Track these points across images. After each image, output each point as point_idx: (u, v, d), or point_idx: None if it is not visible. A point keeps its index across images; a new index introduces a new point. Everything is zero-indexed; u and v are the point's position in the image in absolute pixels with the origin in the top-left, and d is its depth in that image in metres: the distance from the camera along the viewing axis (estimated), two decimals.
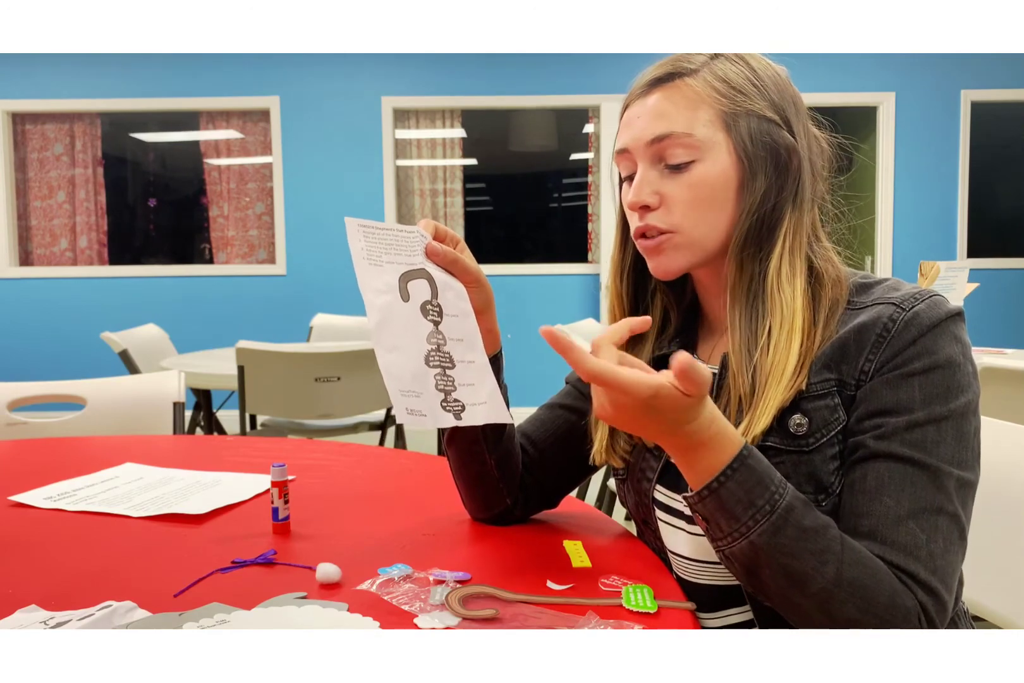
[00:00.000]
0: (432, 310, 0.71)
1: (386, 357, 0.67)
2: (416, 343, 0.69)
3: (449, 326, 0.72)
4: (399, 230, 0.72)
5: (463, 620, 0.62)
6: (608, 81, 4.79)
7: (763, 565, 0.64)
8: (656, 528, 0.84)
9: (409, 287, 0.70)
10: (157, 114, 5.15)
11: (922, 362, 0.69)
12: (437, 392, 0.69)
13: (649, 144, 0.76)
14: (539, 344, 4.83)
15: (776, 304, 0.74)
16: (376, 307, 0.68)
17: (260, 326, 4.94)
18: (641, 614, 0.64)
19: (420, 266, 0.72)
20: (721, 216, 0.77)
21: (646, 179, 0.77)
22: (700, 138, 0.75)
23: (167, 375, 1.63)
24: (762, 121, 0.76)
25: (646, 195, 0.77)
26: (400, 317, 0.69)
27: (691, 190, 0.76)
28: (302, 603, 0.65)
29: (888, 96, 4.91)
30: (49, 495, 0.98)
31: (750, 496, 0.63)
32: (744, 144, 0.75)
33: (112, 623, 0.61)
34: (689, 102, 0.75)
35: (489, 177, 5.50)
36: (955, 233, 4.99)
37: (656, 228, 0.77)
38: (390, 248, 0.71)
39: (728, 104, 0.75)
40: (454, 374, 0.71)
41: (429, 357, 0.70)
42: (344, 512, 0.92)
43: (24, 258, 5.13)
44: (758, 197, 0.75)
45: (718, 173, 0.75)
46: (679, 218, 0.76)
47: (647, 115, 0.76)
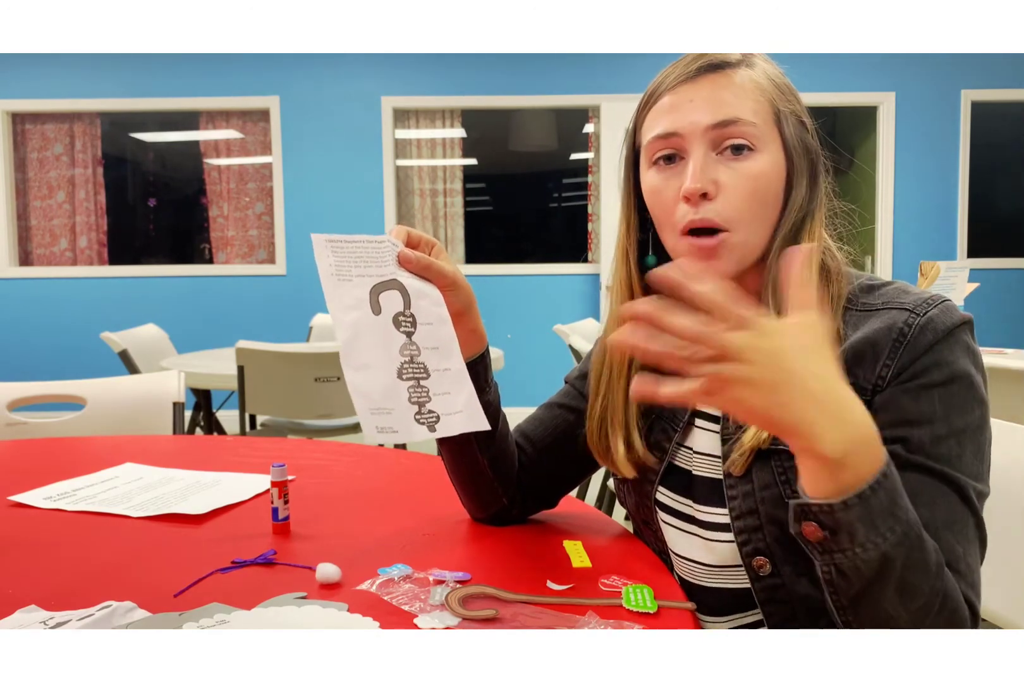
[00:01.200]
0: (405, 321, 0.71)
1: (355, 376, 0.67)
2: (388, 357, 0.69)
3: (423, 335, 0.72)
4: (368, 241, 0.72)
5: (463, 620, 0.62)
6: (608, 81, 4.79)
7: (883, 578, 0.58)
8: (657, 529, 0.84)
9: (380, 299, 0.70)
10: (157, 114, 5.15)
11: (941, 373, 0.68)
12: (411, 405, 0.69)
13: (710, 128, 0.72)
14: (539, 344, 4.83)
15: None
16: (345, 324, 0.68)
17: (260, 326, 4.94)
18: (641, 614, 0.64)
19: (391, 276, 0.72)
20: (771, 215, 0.75)
21: (705, 165, 0.73)
22: (763, 129, 0.73)
23: (167, 375, 1.63)
24: (799, 123, 0.76)
25: (707, 181, 0.72)
26: (370, 332, 0.69)
27: (751, 181, 0.73)
28: (302, 603, 0.65)
29: (888, 96, 4.91)
30: (49, 495, 0.98)
31: (892, 507, 0.56)
32: (791, 143, 0.75)
33: (112, 623, 0.61)
34: (747, 92, 0.73)
35: (489, 177, 5.50)
36: (955, 233, 4.99)
37: (712, 222, 0.73)
38: (360, 261, 0.70)
39: (777, 103, 0.74)
40: (428, 384, 0.71)
41: (402, 370, 0.70)
42: (344, 512, 0.92)
43: (24, 258, 5.13)
44: (800, 199, 0.75)
45: (774, 167, 0.74)
46: (735, 211, 0.73)
47: (704, 99, 0.73)
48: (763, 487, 0.73)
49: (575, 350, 2.52)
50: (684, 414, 0.82)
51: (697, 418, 0.82)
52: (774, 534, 0.73)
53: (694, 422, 0.82)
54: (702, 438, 0.81)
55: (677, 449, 0.82)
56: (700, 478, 0.80)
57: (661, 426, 0.83)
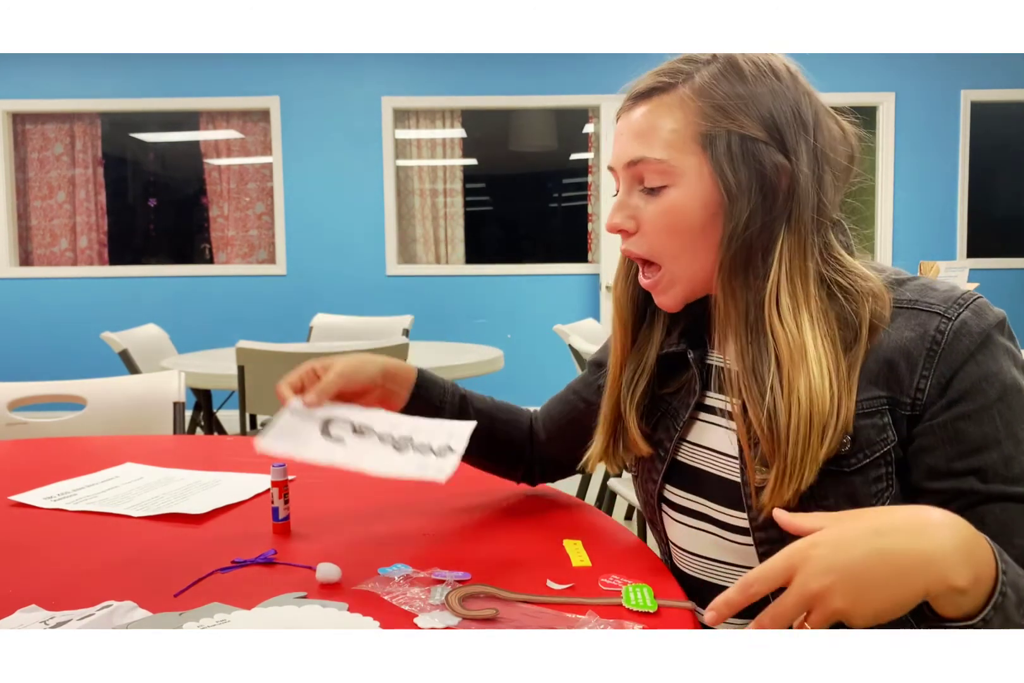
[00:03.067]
0: (361, 429, 0.81)
1: (380, 472, 0.76)
2: (384, 451, 0.79)
3: (383, 427, 0.81)
4: (285, 422, 0.81)
5: (463, 620, 0.62)
6: (608, 81, 4.78)
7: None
8: (662, 529, 0.84)
9: (334, 436, 0.80)
10: (157, 114, 5.15)
11: (993, 389, 0.66)
12: (426, 454, 0.78)
13: (626, 166, 0.74)
14: (539, 344, 4.82)
15: (779, 338, 0.69)
16: (339, 462, 0.77)
17: (260, 326, 4.94)
18: (641, 614, 0.64)
19: (325, 418, 0.82)
20: (702, 244, 0.73)
21: (623, 203, 0.76)
22: (674, 164, 0.71)
23: (167, 375, 1.63)
24: (745, 141, 0.70)
25: (621, 219, 0.76)
26: (357, 450, 0.79)
27: (665, 216, 0.73)
28: (302, 603, 0.65)
29: (888, 96, 4.91)
30: (49, 495, 0.98)
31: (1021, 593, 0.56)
32: (722, 166, 0.70)
33: (112, 623, 0.61)
34: (666, 121, 0.72)
35: (489, 177, 5.49)
36: (955, 233, 4.99)
37: (635, 255, 0.76)
38: (296, 433, 0.79)
39: (706, 125, 0.71)
40: (421, 441, 0.80)
41: (401, 448, 0.79)
42: (344, 512, 0.92)
43: (24, 258, 5.13)
44: (741, 222, 0.70)
45: (693, 199, 0.72)
46: (656, 246, 0.75)
47: (627, 133, 0.75)
48: None
49: (575, 350, 2.52)
50: (687, 409, 0.81)
51: (702, 412, 0.81)
52: None
53: (697, 416, 0.81)
54: (710, 433, 0.79)
55: (680, 444, 0.82)
56: (714, 477, 0.78)
57: (664, 423, 0.83)
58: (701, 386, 0.80)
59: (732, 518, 0.76)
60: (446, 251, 5.13)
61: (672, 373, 0.82)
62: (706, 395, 0.80)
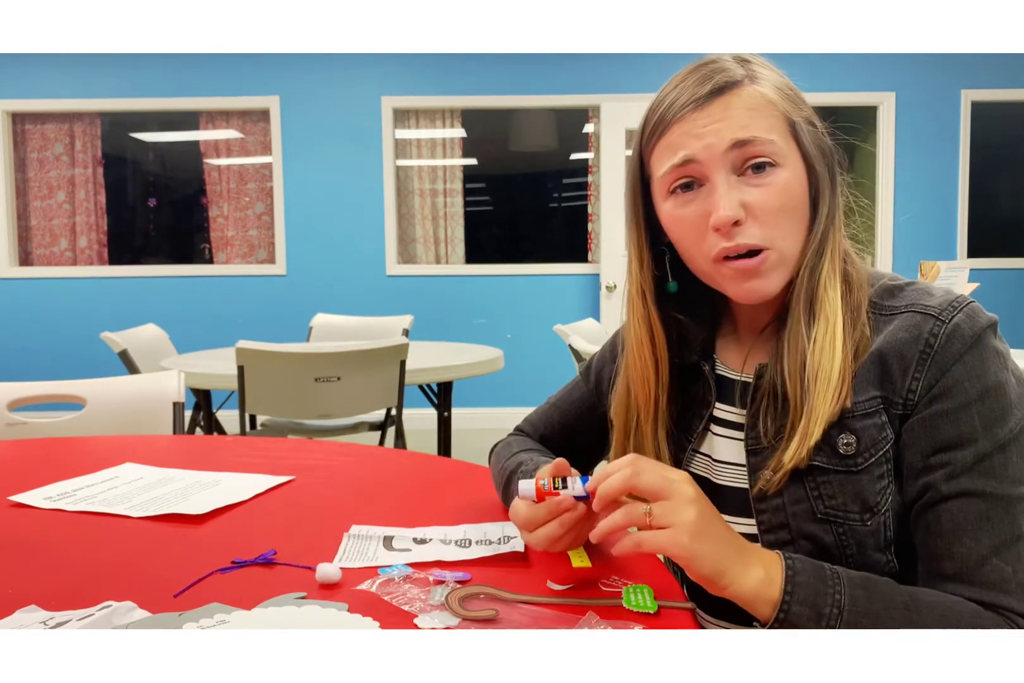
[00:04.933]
0: (422, 540, 0.81)
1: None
2: (451, 550, 0.78)
3: (439, 536, 0.82)
4: (346, 545, 0.80)
5: (463, 620, 0.62)
6: (608, 81, 4.78)
7: (886, 626, 0.63)
8: None
9: (398, 548, 0.79)
10: (157, 114, 5.15)
11: (975, 388, 0.67)
12: (490, 545, 0.79)
13: (728, 150, 0.71)
14: (539, 344, 4.83)
15: (823, 309, 0.73)
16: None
17: (260, 326, 4.94)
18: (641, 614, 0.64)
19: (384, 536, 0.82)
20: (801, 227, 0.75)
21: (730, 191, 0.71)
22: (780, 145, 0.72)
23: (167, 375, 1.63)
24: (812, 126, 0.75)
25: (736, 209, 0.71)
26: (426, 554, 0.77)
27: (778, 197, 0.72)
28: (302, 603, 0.64)
29: (888, 96, 4.90)
30: (49, 495, 0.98)
31: (816, 609, 0.62)
32: (810, 151, 0.74)
33: (112, 623, 0.61)
34: (759, 110, 0.72)
35: (489, 177, 5.49)
36: (955, 233, 4.99)
37: (748, 246, 0.72)
38: (362, 552, 0.78)
39: (792, 111, 0.73)
40: (480, 538, 0.81)
41: (465, 547, 0.79)
42: (344, 512, 0.92)
43: (24, 258, 5.13)
44: (827, 205, 0.75)
45: (798, 180, 0.73)
46: (770, 230, 0.72)
47: (718, 122, 0.71)
48: (794, 502, 0.73)
49: (575, 350, 2.52)
50: (700, 421, 0.82)
51: (714, 424, 0.82)
52: (805, 549, 0.72)
53: (710, 427, 0.82)
54: (722, 446, 0.81)
55: (693, 456, 0.82)
56: (724, 488, 0.79)
57: (675, 435, 0.84)
58: (716, 397, 0.81)
59: (739, 525, 0.77)
60: (446, 251, 5.13)
61: (682, 386, 0.84)
62: (715, 406, 0.82)
